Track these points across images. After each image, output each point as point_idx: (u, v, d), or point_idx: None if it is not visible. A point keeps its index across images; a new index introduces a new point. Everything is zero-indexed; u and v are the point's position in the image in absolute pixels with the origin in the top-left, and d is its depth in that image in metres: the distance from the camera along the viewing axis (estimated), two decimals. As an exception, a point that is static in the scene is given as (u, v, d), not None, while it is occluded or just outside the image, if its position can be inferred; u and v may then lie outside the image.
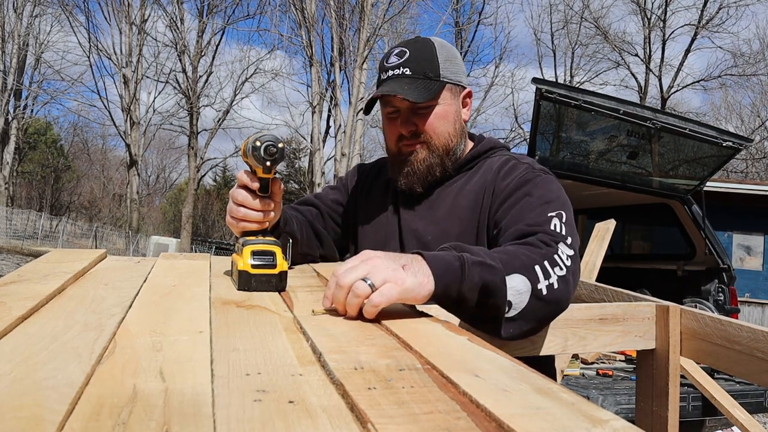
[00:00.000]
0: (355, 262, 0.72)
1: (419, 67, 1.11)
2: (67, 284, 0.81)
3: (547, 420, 0.40)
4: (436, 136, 1.14)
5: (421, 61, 1.12)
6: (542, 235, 0.93)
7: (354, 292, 0.68)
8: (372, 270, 0.70)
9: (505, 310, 0.81)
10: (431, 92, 1.11)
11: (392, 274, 0.70)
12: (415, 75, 1.11)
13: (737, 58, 21.06)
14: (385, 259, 0.72)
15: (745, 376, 1.03)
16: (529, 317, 0.85)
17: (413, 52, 1.13)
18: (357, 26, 17.16)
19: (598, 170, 3.90)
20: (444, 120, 1.14)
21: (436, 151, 1.15)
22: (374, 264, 0.70)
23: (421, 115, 1.13)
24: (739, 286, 5.93)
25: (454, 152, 1.17)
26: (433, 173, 1.16)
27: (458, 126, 1.17)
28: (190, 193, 22.29)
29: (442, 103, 1.14)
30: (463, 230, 1.11)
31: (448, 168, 1.17)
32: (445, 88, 1.14)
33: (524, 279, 0.82)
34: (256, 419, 0.39)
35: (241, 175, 0.96)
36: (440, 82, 1.12)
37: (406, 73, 1.11)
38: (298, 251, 1.20)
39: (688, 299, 3.84)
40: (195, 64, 21.74)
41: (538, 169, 1.11)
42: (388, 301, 0.68)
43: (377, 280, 0.68)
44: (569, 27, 23.02)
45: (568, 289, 0.89)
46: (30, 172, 32.45)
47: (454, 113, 1.17)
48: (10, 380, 0.43)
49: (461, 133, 1.19)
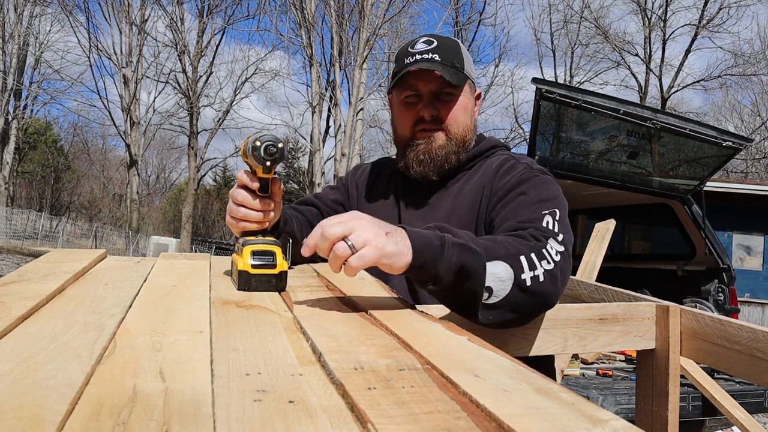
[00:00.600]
0: (342, 218, 0.73)
1: (447, 56, 1.14)
2: (67, 284, 0.81)
3: (547, 420, 0.40)
4: (456, 125, 1.16)
5: (449, 52, 1.15)
6: (533, 230, 0.93)
7: (335, 252, 0.70)
8: (356, 228, 0.71)
9: (483, 296, 0.81)
10: (460, 79, 1.14)
11: (374, 238, 0.71)
12: (443, 62, 1.13)
13: (737, 58, 21.06)
14: (371, 222, 0.74)
15: (745, 376, 1.03)
16: (510, 307, 0.84)
17: (441, 43, 1.16)
18: (357, 26, 17.16)
19: (598, 170, 3.90)
20: (464, 111, 1.17)
21: (454, 140, 1.16)
22: (359, 224, 0.72)
23: (444, 102, 1.15)
24: (739, 286, 5.93)
25: (468, 146, 1.19)
26: (450, 162, 1.16)
27: (472, 122, 1.20)
28: (190, 193, 22.29)
29: (464, 95, 1.16)
30: (463, 230, 1.11)
31: (462, 160, 1.18)
32: (467, 83, 1.17)
33: (507, 267, 0.82)
34: (256, 419, 0.39)
35: (241, 175, 0.96)
36: (465, 75, 1.15)
37: (436, 58, 1.13)
38: (298, 251, 1.20)
39: (688, 299, 3.84)
40: (195, 64, 21.75)
41: (536, 169, 1.11)
42: (366, 264, 0.70)
43: (358, 241, 0.70)
44: (569, 27, 23.03)
45: (556, 284, 0.88)
46: (30, 172, 32.45)
47: (471, 108, 1.20)
48: (10, 380, 0.43)
49: (474, 129, 1.21)
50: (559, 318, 1.05)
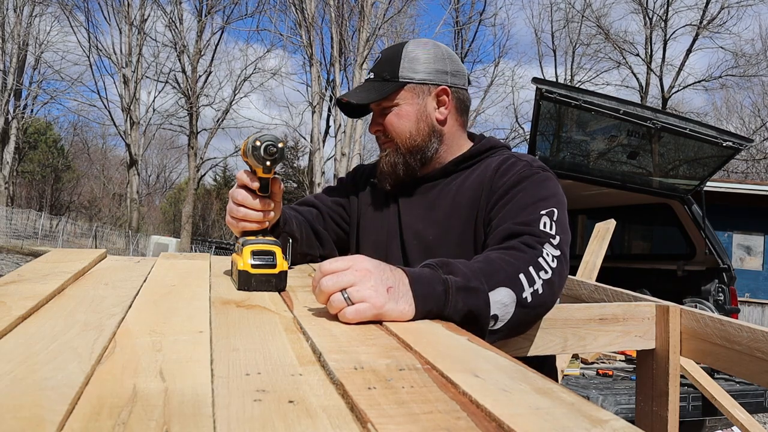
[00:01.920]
0: (343, 266, 0.72)
1: (379, 70, 1.16)
2: (67, 284, 0.81)
3: (547, 420, 0.40)
4: (396, 135, 1.17)
5: (383, 64, 1.16)
6: (527, 237, 0.93)
7: (331, 303, 0.70)
8: (356, 282, 0.70)
9: (490, 325, 0.82)
10: (381, 93, 1.14)
11: (373, 296, 0.69)
12: (375, 78, 1.17)
13: (738, 58, 21.05)
14: (374, 275, 0.71)
15: (745, 376, 1.03)
16: (514, 326, 0.86)
17: (383, 56, 1.18)
18: (357, 26, 17.16)
19: (598, 170, 3.90)
20: (403, 119, 1.16)
21: (400, 150, 1.17)
22: (361, 276, 0.70)
23: (384, 115, 1.17)
24: (739, 286, 5.94)
25: (422, 151, 1.17)
26: (397, 172, 1.18)
27: (423, 125, 1.16)
28: (190, 192, 22.29)
29: (403, 102, 1.15)
30: (464, 229, 1.11)
31: (416, 167, 1.18)
32: (405, 88, 1.15)
33: (509, 291, 0.83)
34: (256, 419, 0.39)
35: (241, 175, 0.96)
36: (396, 83, 1.14)
37: (370, 76, 1.18)
38: (298, 251, 1.20)
39: (688, 299, 3.84)
40: (194, 64, 21.75)
41: (536, 166, 1.10)
42: (362, 320, 0.69)
43: (356, 296, 0.69)
44: (570, 26, 23.02)
45: (553, 290, 0.90)
46: (30, 171, 32.45)
47: (417, 112, 1.16)
48: (10, 380, 0.43)
49: (430, 131, 1.17)
50: (559, 318, 1.05)
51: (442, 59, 1.17)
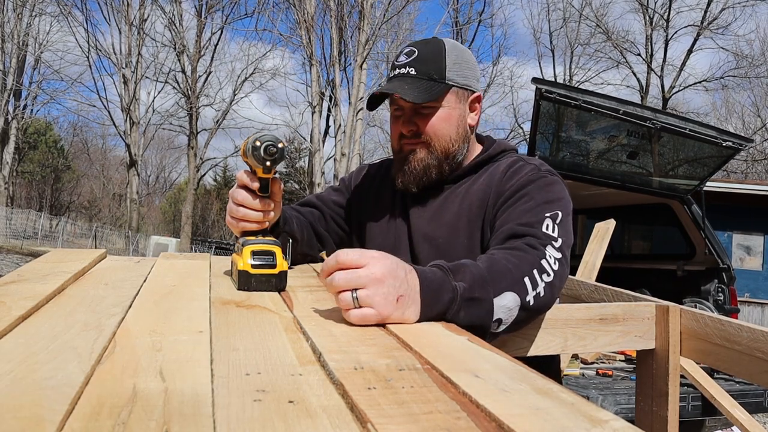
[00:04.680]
0: (359, 261, 0.71)
1: (425, 68, 1.11)
2: (66, 284, 0.81)
3: (547, 420, 0.40)
4: (436, 138, 1.13)
5: (428, 62, 1.11)
6: (530, 239, 0.93)
7: (338, 299, 0.70)
8: (368, 285, 0.69)
9: (492, 329, 0.83)
10: (433, 94, 1.10)
11: (382, 303, 0.69)
12: (419, 75, 1.11)
13: (739, 59, 21.04)
14: (387, 281, 0.70)
15: (745, 376, 1.03)
16: (513, 327, 0.88)
17: (422, 53, 1.12)
18: (357, 26, 17.16)
19: (598, 170, 3.90)
20: (446, 123, 1.13)
21: (435, 153, 1.14)
22: (374, 281, 0.70)
23: (423, 115, 1.13)
24: (739, 286, 5.93)
25: (455, 157, 1.16)
26: (429, 174, 1.15)
27: (461, 131, 1.16)
28: (190, 192, 22.28)
29: (446, 105, 1.13)
30: (472, 231, 1.11)
31: (446, 172, 1.16)
32: (450, 91, 1.12)
33: (514, 296, 0.84)
34: (256, 419, 0.39)
35: (241, 175, 0.96)
36: (445, 85, 1.11)
37: (411, 72, 1.11)
38: (298, 251, 1.20)
39: (688, 299, 3.84)
40: (194, 64, 21.74)
41: (544, 170, 1.11)
42: (364, 324, 0.69)
43: (365, 301, 0.69)
44: (568, 26, 23.01)
45: (553, 293, 0.91)
46: (30, 172, 32.45)
47: (458, 117, 1.15)
48: (10, 380, 0.43)
49: (464, 138, 1.17)
50: (559, 318, 1.05)
51: (475, 65, 1.18)
